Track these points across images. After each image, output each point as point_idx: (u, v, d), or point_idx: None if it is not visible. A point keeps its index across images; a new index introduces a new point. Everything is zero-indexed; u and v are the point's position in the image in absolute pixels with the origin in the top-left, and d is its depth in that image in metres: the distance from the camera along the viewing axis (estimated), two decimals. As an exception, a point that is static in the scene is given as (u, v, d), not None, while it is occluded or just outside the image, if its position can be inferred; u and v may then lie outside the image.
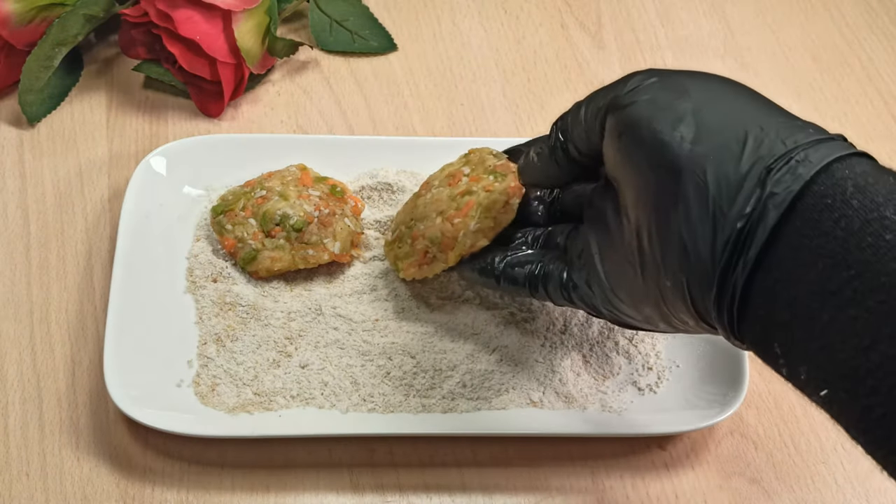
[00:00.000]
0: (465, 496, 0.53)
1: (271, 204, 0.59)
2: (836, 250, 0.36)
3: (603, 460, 0.54)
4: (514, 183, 0.54)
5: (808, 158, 0.38)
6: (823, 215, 0.37)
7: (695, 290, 0.40)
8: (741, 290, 0.38)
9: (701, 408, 0.54)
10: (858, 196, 0.36)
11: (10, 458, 0.53)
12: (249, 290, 0.58)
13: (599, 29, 0.76)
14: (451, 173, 0.57)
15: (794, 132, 0.39)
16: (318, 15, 0.73)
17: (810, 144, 0.39)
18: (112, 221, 0.62)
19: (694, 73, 0.44)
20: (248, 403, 0.54)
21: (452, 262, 0.54)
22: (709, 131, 0.40)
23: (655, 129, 0.41)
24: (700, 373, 0.56)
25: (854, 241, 0.36)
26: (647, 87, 0.43)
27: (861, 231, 0.36)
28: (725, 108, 0.41)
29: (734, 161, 0.39)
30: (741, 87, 0.43)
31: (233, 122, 0.68)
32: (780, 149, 0.38)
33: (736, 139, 0.39)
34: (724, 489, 0.53)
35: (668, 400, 0.55)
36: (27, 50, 0.66)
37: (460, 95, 0.71)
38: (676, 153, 0.40)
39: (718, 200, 0.38)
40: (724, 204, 0.38)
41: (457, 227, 0.54)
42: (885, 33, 0.77)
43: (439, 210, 0.55)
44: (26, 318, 0.58)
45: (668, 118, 0.41)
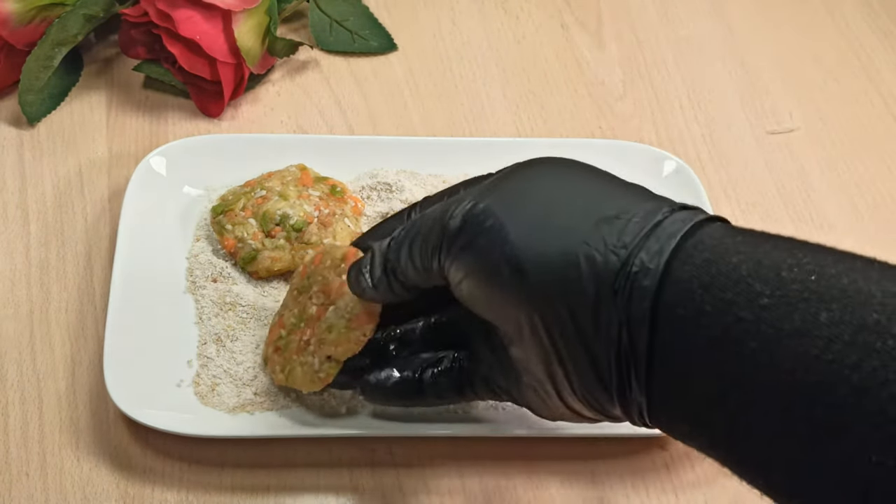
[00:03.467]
0: (465, 496, 0.53)
1: (271, 204, 0.59)
2: (705, 366, 0.35)
3: (603, 460, 0.54)
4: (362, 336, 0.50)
5: (644, 266, 0.37)
6: (681, 332, 0.36)
7: (599, 406, 0.40)
8: (645, 399, 0.38)
9: (701, 408, 0.54)
10: (708, 298, 0.35)
11: (10, 458, 0.53)
12: (249, 290, 0.58)
13: (599, 29, 0.76)
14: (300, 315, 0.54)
15: (621, 233, 0.38)
16: (318, 15, 0.73)
17: (640, 244, 0.37)
18: (112, 221, 0.62)
19: (520, 185, 0.42)
20: (248, 403, 0.54)
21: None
22: (542, 266, 0.39)
23: (492, 281, 0.40)
24: (700, 373, 0.56)
25: (718, 355, 0.35)
26: (471, 226, 0.41)
27: (722, 340, 0.35)
28: (553, 225, 0.39)
29: (578, 293, 0.38)
30: (565, 183, 0.42)
31: (233, 122, 0.68)
32: (615, 262, 0.37)
33: (572, 265, 0.38)
34: (724, 489, 0.53)
35: (668, 400, 0.55)
36: (27, 50, 0.66)
37: (460, 95, 0.71)
38: (518, 299, 0.39)
39: (582, 335, 0.38)
40: (588, 333, 0.38)
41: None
42: (885, 33, 0.77)
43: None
44: (26, 318, 0.58)
45: (498, 262, 0.40)
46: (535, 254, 0.39)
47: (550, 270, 0.38)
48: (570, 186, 0.41)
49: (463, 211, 0.42)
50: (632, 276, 0.37)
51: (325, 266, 0.52)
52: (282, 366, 0.52)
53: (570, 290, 0.38)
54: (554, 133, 0.69)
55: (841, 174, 0.68)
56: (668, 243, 0.37)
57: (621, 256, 0.37)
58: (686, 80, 0.73)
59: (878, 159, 0.70)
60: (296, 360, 0.52)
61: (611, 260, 0.37)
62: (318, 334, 0.51)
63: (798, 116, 0.72)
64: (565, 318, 0.38)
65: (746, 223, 0.66)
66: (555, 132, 0.69)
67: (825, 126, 0.71)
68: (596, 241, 0.38)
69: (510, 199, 0.41)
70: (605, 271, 0.37)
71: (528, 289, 0.39)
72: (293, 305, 0.53)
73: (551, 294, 0.38)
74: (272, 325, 0.55)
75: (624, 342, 0.37)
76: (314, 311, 0.52)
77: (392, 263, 0.46)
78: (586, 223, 0.39)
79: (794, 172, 0.68)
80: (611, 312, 0.37)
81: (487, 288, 0.41)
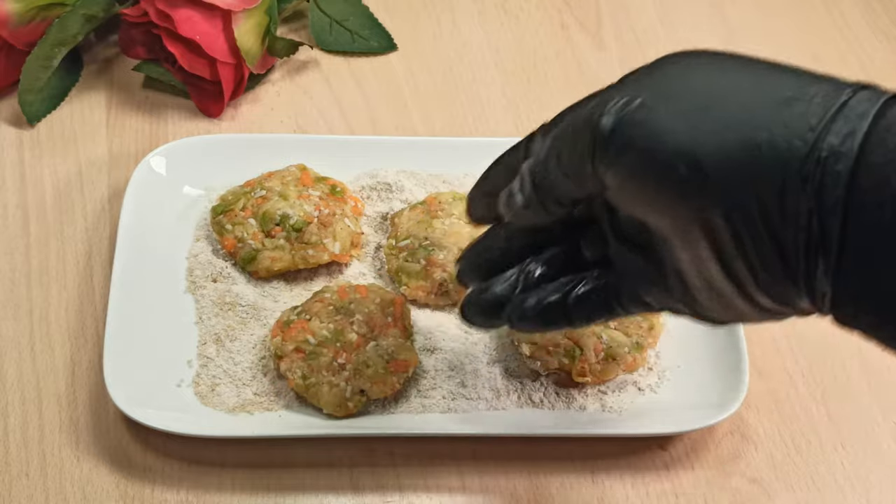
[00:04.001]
0: (465, 496, 0.53)
1: (271, 204, 0.59)
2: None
3: (603, 460, 0.54)
4: None
5: (835, 149, 0.34)
6: (876, 219, 0.34)
7: (785, 299, 0.37)
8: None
9: (701, 408, 0.54)
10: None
11: (10, 458, 0.53)
12: (249, 290, 0.58)
13: (599, 29, 0.76)
14: None
15: (804, 115, 0.35)
16: (318, 15, 0.73)
17: (827, 127, 0.35)
18: (112, 221, 0.62)
19: (672, 76, 0.39)
20: (248, 403, 0.54)
21: None
22: (722, 158, 0.36)
23: (664, 181, 0.37)
24: (700, 373, 0.56)
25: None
26: (628, 125, 0.38)
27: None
28: (725, 113, 0.37)
29: (765, 181, 0.35)
30: (726, 69, 0.39)
31: (233, 122, 0.68)
32: (801, 147, 0.35)
33: (754, 153, 0.36)
34: (724, 489, 0.53)
35: (668, 400, 0.55)
36: (27, 50, 0.66)
37: (460, 95, 0.71)
38: (699, 195, 0.36)
39: (768, 225, 0.36)
40: (776, 223, 0.35)
41: None
42: (885, 33, 0.77)
43: (461, 247, 0.56)
44: (26, 318, 0.58)
45: (669, 159, 0.37)
46: (713, 146, 0.36)
47: (731, 162, 0.36)
48: (732, 72, 0.39)
49: (616, 108, 0.38)
50: (822, 160, 0.34)
51: (374, 302, 0.55)
52: (304, 372, 0.53)
53: (755, 179, 0.35)
54: (554, 133, 0.69)
55: (841, 174, 0.68)
56: (859, 124, 0.35)
57: (808, 140, 0.35)
58: (686, 80, 0.73)
59: (878, 159, 0.69)
60: (325, 376, 0.53)
61: (796, 145, 0.35)
62: (355, 364, 0.53)
63: (798, 116, 0.72)
64: (751, 209, 0.36)
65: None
66: (555, 132, 0.69)
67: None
68: (777, 125, 0.35)
69: (669, 91, 0.38)
70: (791, 157, 0.35)
71: (708, 184, 0.36)
72: (326, 319, 0.54)
73: (734, 186, 0.36)
74: (286, 321, 0.55)
75: (814, 230, 0.35)
76: (354, 339, 0.54)
77: (541, 176, 0.42)
78: (762, 107, 0.36)
79: (794, 172, 0.68)
80: (800, 200, 0.35)
81: (657, 188, 0.37)
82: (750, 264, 0.37)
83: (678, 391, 0.55)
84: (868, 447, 0.55)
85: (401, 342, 0.54)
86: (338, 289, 0.56)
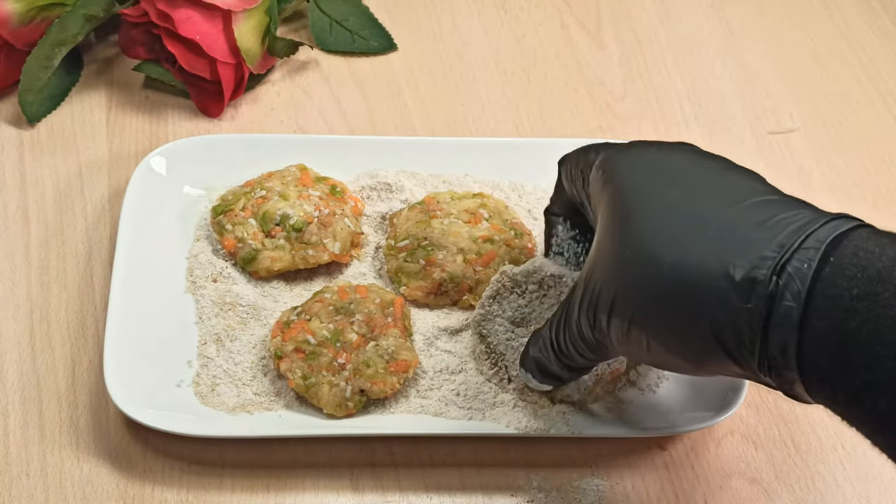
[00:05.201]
0: (465, 496, 0.53)
1: (271, 204, 0.59)
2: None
3: (603, 460, 0.54)
4: (530, 245, 0.58)
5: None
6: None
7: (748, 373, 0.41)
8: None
9: (701, 408, 0.54)
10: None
11: (10, 458, 0.53)
12: (249, 290, 0.58)
13: (599, 29, 0.76)
14: (471, 210, 0.59)
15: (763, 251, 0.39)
16: (318, 15, 0.73)
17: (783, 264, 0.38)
18: (112, 221, 0.62)
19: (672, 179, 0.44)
20: (248, 403, 0.54)
21: (465, 305, 0.57)
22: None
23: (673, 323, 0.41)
24: (700, 373, 0.56)
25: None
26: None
27: None
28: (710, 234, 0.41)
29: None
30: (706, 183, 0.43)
31: (233, 122, 0.68)
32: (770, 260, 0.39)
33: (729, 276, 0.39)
34: (724, 489, 0.53)
35: (668, 400, 0.55)
36: (27, 50, 0.66)
37: (460, 95, 0.71)
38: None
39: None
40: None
41: (479, 275, 0.57)
42: (885, 33, 0.77)
43: (459, 247, 0.57)
44: (26, 318, 0.58)
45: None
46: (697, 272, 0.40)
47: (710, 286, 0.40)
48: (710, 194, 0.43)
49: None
50: (777, 294, 0.38)
51: (374, 302, 0.55)
52: (304, 372, 0.53)
53: (727, 301, 0.39)
54: (554, 133, 0.69)
55: (841, 174, 0.68)
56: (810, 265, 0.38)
57: (766, 277, 0.38)
58: (686, 80, 0.73)
59: (878, 159, 0.70)
60: (325, 376, 0.53)
61: (758, 278, 0.38)
62: (355, 364, 0.53)
63: (798, 116, 0.72)
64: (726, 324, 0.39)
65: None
66: (555, 132, 0.69)
67: (825, 126, 0.71)
68: (742, 260, 0.39)
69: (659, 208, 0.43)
70: (748, 291, 0.38)
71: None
72: (326, 319, 0.54)
73: (710, 303, 0.40)
74: (286, 321, 0.55)
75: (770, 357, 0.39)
76: (354, 339, 0.54)
77: (558, 352, 0.49)
78: (735, 238, 0.40)
79: (794, 172, 0.68)
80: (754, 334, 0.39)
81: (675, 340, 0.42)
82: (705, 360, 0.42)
83: (678, 391, 0.55)
84: (868, 447, 0.55)
85: (401, 342, 0.54)
86: (338, 289, 0.56)
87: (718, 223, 0.40)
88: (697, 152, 0.46)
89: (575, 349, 0.47)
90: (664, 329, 0.41)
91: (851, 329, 0.36)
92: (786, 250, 0.38)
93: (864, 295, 0.36)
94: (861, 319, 0.36)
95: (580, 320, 0.45)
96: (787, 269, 0.38)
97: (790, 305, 0.37)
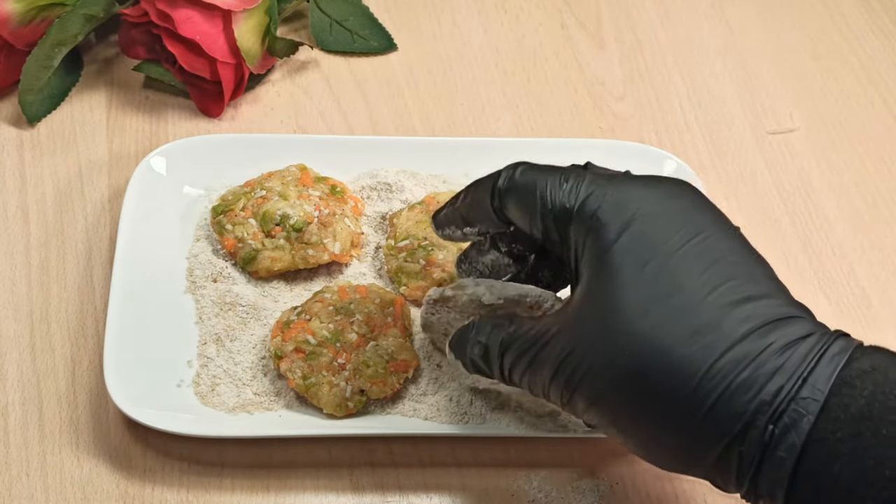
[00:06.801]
0: (465, 496, 0.53)
1: (271, 204, 0.59)
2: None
3: (603, 460, 0.54)
4: None
5: (798, 413, 0.38)
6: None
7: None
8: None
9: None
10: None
11: (10, 458, 0.53)
12: (249, 290, 0.58)
13: (599, 29, 0.76)
14: None
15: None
16: (318, 15, 0.73)
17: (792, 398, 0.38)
18: (112, 221, 0.62)
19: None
20: (248, 403, 0.54)
21: None
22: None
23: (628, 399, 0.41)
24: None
25: None
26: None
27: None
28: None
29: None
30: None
31: (233, 122, 0.68)
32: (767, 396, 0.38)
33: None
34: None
35: (668, 400, 0.55)
36: (27, 50, 0.66)
37: (460, 95, 0.71)
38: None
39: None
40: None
41: None
42: (885, 33, 0.77)
43: (459, 247, 0.57)
44: (26, 318, 0.58)
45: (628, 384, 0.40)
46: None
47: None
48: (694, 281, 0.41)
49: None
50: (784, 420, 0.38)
51: (374, 302, 0.55)
52: (304, 372, 0.53)
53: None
54: (554, 133, 0.69)
55: (841, 174, 0.68)
56: (823, 379, 0.38)
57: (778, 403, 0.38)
58: (686, 80, 0.73)
59: (878, 159, 0.70)
60: (325, 376, 0.53)
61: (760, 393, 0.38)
62: (355, 364, 0.53)
63: (798, 116, 0.72)
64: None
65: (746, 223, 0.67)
66: (555, 132, 0.69)
67: (825, 126, 0.71)
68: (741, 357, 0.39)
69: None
70: (759, 409, 0.38)
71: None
72: (326, 319, 0.54)
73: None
74: (286, 321, 0.55)
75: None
76: (353, 339, 0.54)
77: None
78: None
79: (794, 172, 0.68)
80: (755, 446, 0.38)
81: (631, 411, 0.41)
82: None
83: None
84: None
85: (401, 342, 0.54)
86: (338, 289, 0.56)
87: (708, 322, 0.39)
88: (697, 201, 0.44)
89: (529, 389, 0.45)
90: (643, 433, 0.41)
91: (835, 471, 0.36)
92: (783, 398, 0.38)
93: (848, 437, 0.36)
94: (845, 461, 0.36)
95: (549, 390, 0.43)
96: (784, 419, 0.37)
97: (784, 456, 0.37)
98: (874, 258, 0.64)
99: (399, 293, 0.58)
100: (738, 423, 0.38)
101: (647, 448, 0.42)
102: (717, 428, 0.38)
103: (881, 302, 0.62)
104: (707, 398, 0.38)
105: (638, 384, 0.40)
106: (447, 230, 0.50)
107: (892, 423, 0.36)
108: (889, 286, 0.63)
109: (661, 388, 0.39)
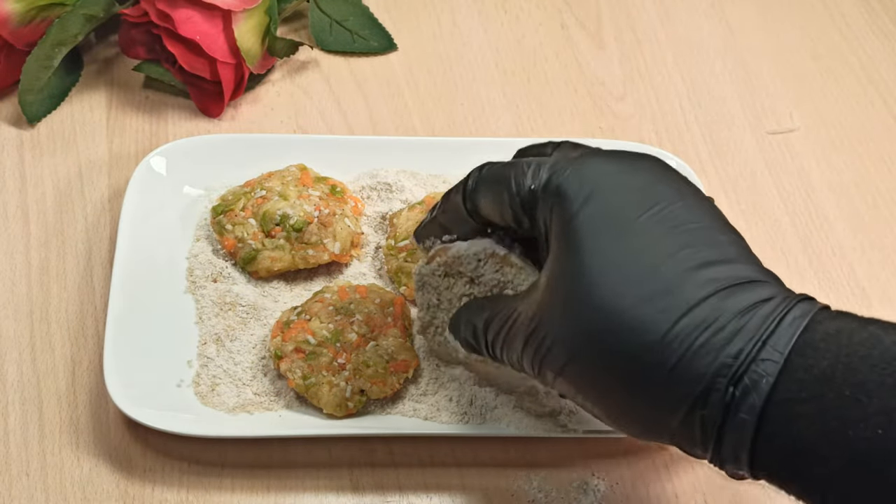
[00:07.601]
0: (465, 496, 0.53)
1: (271, 204, 0.59)
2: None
3: (603, 460, 0.54)
4: None
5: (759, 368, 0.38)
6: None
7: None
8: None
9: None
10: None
11: (10, 458, 0.53)
12: (249, 290, 0.58)
13: (599, 29, 0.76)
14: None
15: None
16: (318, 15, 0.73)
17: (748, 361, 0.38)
18: (112, 221, 0.62)
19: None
20: (248, 403, 0.54)
21: None
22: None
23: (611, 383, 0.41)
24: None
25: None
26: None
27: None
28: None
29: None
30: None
31: (233, 122, 0.68)
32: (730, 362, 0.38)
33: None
34: (724, 489, 0.53)
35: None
36: (27, 50, 0.66)
37: (460, 95, 0.71)
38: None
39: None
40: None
41: None
42: (885, 33, 0.77)
43: None
44: (26, 318, 0.58)
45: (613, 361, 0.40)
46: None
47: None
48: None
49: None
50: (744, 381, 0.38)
51: (374, 302, 0.55)
52: (304, 372, 0.53)
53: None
54: (554, 133, 0.69)
55: (841, 174, 0.68)
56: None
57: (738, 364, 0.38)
58: (686, 80, 0.73)
59: (878, 159, 0.70)
60: (325, 376, 0.53)
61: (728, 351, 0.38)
62: (355, 364, 0.53)
63: (798, 116, 0.72)
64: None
65: (746, 223, 0.67)
66: (555, 132, 0.69)
67: (825, 126, 0.71)
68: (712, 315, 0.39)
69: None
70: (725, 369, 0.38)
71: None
72: (326, 319, 0.54)
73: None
74: (286, 321, 0.55)
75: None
76: (354, 339, 0.54)
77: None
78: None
79: (794, 172, 0.68)
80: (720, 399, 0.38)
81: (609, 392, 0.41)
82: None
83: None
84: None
85: (401, 342, 0.54)
86: (338, 289, 0.56)
87: (665, 287, 0.39)
88: (660, 173, 0.44)
89: (509, 363, 0.46)
90: (611, 397, 0.41)
91: (798, 432, 0.36)
92: (743, 360, 0.38)
93: (811, 398, 0.36)
94: (808, 422, 0.36)
95: (522, 362, 0.44)
96: (745, 381, 0.37)
97: (745, 418, 0.37)
98: (874, 258, 0.64)
99: (399, 293, 0.58)
100: (699, 385, 0.38)
101: (614, 415, 0.42)
102: (679, 391, 0.38)
103: (881, 302, 0.62)
104: (667, 362, 0.38)
105: (599, 351, 0.40)
106: (427, 242, 0.51)
107: (854, 385, 0.36)
108: (889, 286, 0.63)
109: (621, 355, 0.39)
